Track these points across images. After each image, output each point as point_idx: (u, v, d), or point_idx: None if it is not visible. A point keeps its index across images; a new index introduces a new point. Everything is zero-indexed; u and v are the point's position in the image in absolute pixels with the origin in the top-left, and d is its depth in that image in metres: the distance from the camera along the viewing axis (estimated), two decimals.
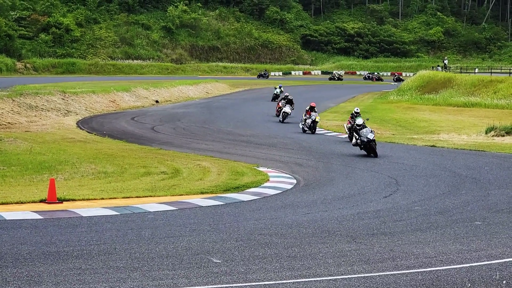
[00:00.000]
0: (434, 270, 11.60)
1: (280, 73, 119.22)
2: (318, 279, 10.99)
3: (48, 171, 22.63)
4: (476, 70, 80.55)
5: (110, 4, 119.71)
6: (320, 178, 23.22)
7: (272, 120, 46.16)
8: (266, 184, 21.72)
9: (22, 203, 17.47)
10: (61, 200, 17.82)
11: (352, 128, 29.79)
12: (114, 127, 40.25)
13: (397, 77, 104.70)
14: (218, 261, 11.99)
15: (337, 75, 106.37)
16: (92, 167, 23.91)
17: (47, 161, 24.94)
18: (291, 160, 27.65)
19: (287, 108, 44.70)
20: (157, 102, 60.55)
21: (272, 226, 15.24)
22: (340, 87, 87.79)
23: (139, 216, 16.30)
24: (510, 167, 25.55)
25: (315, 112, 38.30)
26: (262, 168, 24.94)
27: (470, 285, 10.74)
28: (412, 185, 21.57)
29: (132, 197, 18.93)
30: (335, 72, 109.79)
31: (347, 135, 33.11)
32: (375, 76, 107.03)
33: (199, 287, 10.51)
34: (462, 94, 60.39)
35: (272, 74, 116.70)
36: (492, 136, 35.21)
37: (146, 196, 19.10)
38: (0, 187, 19.75)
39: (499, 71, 79.21)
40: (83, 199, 18.22)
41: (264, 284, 10.70)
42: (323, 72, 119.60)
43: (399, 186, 21.41)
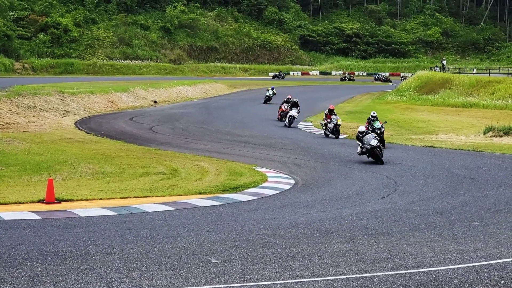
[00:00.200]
0: (432, 270, 11.61)
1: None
2: (316, 279, 10.99)
3: (46, 171, 22.63)
4: (474, 71, 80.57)
5: (108, 5, 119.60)
6: (318, 178, 23.23)
7: (270, 120, 46.11)
8: (264, 184, 21.73)
9: (20, 203, 17.47)
10: (59, 200, 17.82)
11: (357, 137, 29.62)
12: (112, 127, 40.23)
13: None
14: (216, 261, 12.00)
15: (347, 76, 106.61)
16: (90, 167, 23.91)
17: (45, 161, 24.94)
18: (289, 160, 27.65)
19: (294, 112, 42.09)
20: (155, 102, 60.52)
21: (270, 227, 15.24)
22: (338, 88, 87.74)
23: (137, 216, 16.31)
24: (508, 168, 25.57)
25: (335, 114, 36.47)
26: (260, 169, 24.95)
27: (468, 285, 10.75)
28: (410, 185, 21.59)
29: (130, 197, 18.93)
30: (346, 73, 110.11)
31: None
32: (383, 77, 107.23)
33: (197, 287, 10.52)
34: (460, 94, 60.41)
35: (270, 74, 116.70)
36: (490, 136, 35.22)
37: (144, 197, 19.10)
38: None
39: (497, 71, 79.26)
40: (81, 199, 18.22)
41: (262, 284, 10.71)
42: (321, 73, 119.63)
43: (397, 186, 21.42)
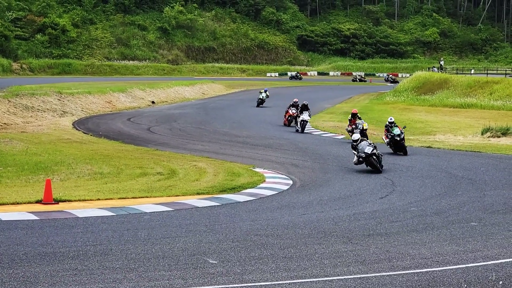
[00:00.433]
0: (430, 271, 11.61)
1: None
2: (314, 279, 10.99)
3: (44, 172, 22.61)
4: (472, 71, 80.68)
5: (106, 5, 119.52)
6: (316, 179, 23.23)
7: (268, 121, 46.11)
8: (262, 185, 21.74)
9: (18, 203, 17.46)
10: (57, 201, 17.80)
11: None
12: (110, 128, 40.21)
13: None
14: (214, 262, 11.99)
15: (358, 77, 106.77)
16: (88, 168, 23.90)
17: (43, 161, 24.92)
18: (287, 161, 27.65)
19: (305, 116, 39.30)
20: (153, 103, 60.51)
21: (268, 227, 15.24)
22: (336, 88, 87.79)
23: (135, 217, 16.30)
24: (506, 168, 25.58)
25: (360, 118, 33.99)
26: (258, 169, 24.95)
27: (466, 286, 10.76)
28: (408, 186, 21.60)
29: (128, 197, 18.92)
30: (357, 74, 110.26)
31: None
32: (391, 78, 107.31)
33: None
34: (458, 95, 60.46)
35: (268, 75, 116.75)
36: (488, 137, 35.25)
37: (142, 197, 19.10)
38: None
39: (495, 72, 79.40)
40: (79, 200, 18.21)
41: (260, 285, 10.71)
42: (319, 73, 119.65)
43: (395, 187, 21.43)
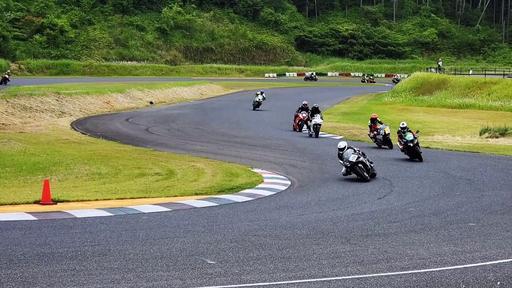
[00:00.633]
0: (428, 272, 11.61)
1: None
2: (313, 280, 10.99)
3: (42, 172, 22.59)
4: (470, 72, 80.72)
5: (104, 5, 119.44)
6: (314, 179, 23.23)
7: (267, 121, 46.12)
8: (260, 185, 21.73)
9: (16, 204, 17.45)
10: (55, 201, 17.79)
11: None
12: (108, 128, 40.19)
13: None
14: (212, 262, 11.99)
15: (367, 78, 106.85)
16: (86, 168, 23.88)
17: (41, 162, 24.90)
18: (285, 161, 27.65)
19: (318, 119, 37.18)
20: (151, 103, 60.48)
21: (267, 227, 15.24)
22: (334, 89, 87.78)
23: (133, 217, 16.29)
24: (504, 169, 25.59)
25: (381, 123, 32.76)
26: (256, 170, 24.95)
27: (464, 286, 10.76)
28: (406, 186, 21.60)
29: (126, 198, 18.91)
30: (366, 75, 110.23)
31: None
32: (395, 79, 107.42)
33: None
34: (456, 95, 60.50)
35: (266, 75, 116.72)
36: (486, 137, 35.25)
37: (140, 197, 19.09)
38: None
39: (493, 72, 79.42)
40: (77, 200, 18.20)
41: (259, 285, 10.70)
42: (317, 74, 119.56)
43: (393, 187, 21.43)
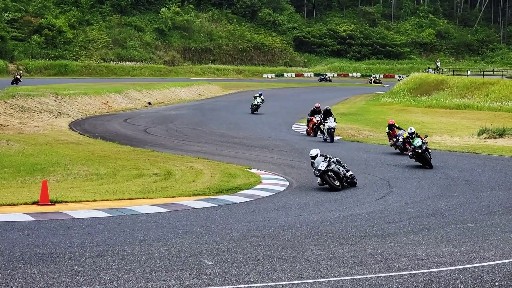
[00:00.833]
0: (426, 272, 11.62)
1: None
2: (311, 281, 10.99)
3: (40, 173, 22.58)
4: (469, 73, 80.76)
5: (102, 6, 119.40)
6: (312, 180, 23.21)
7: (265, 122, 46.10)
8: (259, 186, 21.72)
9: (14, 205, 17.43)
10: (53, 202, 17.78)
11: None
12: (106, 129, 40.17)
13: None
14: (210, 263, 11.99)
15: (374, 79, 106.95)
16: (84, 169, 23.87)
17: (40, 163, 24.88)
18: (284, 162, 27.64)
19: (331, 122, 34.87)
20: (149, 104, 60.47)
21: (265, 228, 15.24)
22: (333, 89, 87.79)
23: (132, 218, 16.28)
24: (502, 169, 25.61)
25: (400, 128, 31.06)
26: (254, 170, 24.93)
27: (462, 287, 10.76)
28: (404, 187, 21.60)
29: (124, 199, 18.90)
30: (374, 76, 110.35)
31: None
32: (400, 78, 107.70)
33: None
34: (454, 96, 60.55)
35: (265, 76, 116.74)
36: (485, 138, 35.27)
37: (138, 198, 19.07)
38: None
39: (491, 73, 79.50)
40: (76, 201, 18.19)
41: (257, 286, 10.70)
42: (316, 74, 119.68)
43: (391, 188, 21.43)
